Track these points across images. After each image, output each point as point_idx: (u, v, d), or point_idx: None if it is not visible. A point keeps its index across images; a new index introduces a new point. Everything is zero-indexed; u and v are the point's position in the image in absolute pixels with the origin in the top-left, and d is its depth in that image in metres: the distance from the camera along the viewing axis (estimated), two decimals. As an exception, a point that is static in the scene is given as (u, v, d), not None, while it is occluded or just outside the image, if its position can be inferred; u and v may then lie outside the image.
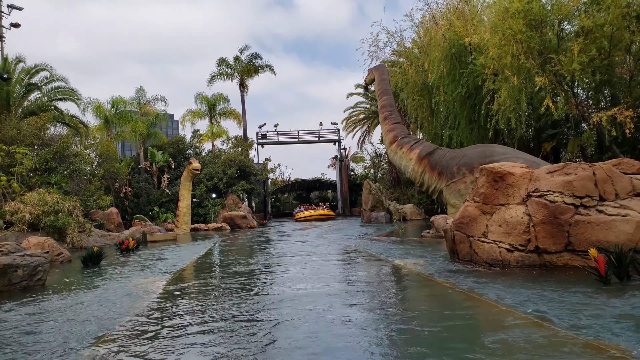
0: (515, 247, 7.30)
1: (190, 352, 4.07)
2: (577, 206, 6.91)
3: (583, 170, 7.10)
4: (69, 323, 5.31)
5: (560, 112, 17.99)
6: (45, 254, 8.61)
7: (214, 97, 41.81)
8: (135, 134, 33.17)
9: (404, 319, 4.94)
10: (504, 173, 7.81)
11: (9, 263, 7.82)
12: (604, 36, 17.25)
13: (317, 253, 12.09)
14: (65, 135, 23.24)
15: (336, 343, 4.13)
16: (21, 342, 4.57)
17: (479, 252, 7.81)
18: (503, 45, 18.64)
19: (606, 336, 3.85)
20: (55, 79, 27.16)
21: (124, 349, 4.23)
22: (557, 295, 5.40)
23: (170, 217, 30.16)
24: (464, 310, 5.15)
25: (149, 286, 7.61)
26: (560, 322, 4.32)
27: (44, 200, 17.99)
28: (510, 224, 7.41)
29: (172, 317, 5.44)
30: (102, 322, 5.27)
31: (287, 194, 59.32)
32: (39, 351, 4.25)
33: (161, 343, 4.36)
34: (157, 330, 4.86)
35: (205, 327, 4.91)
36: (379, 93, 23.70)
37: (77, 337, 4.67)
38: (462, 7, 24.73)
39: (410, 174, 19.14)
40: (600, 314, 4.54)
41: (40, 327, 5.15)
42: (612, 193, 7.05)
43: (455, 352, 3.74)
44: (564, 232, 6.87)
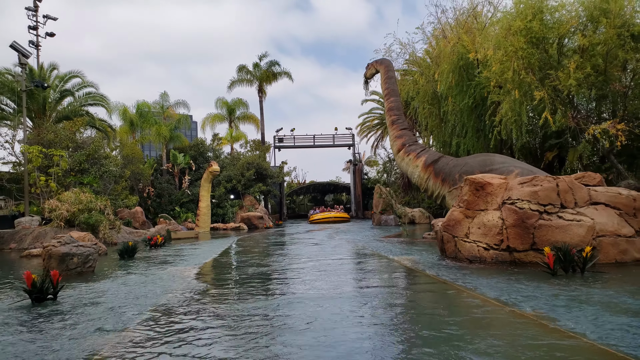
0: (491, 246, 8.62)
1: (218, 311, 5.51)
2: (541, 212, 8.21)
3: (548, 182, 8.39)
4: (129, 296, 6.81)
5: (558, 124, 19.10)
6: (94, 245, 10.21)
7: (233, 101, 43.58)
8: (158, 136, 35.03)
9: (388, 299, 6.32)
10: (484, 183, 9.14)
11: (67, 252, 9.41)
12: (599, 54, 18.33)
13: (325, 250, 13.51)
14: (97, 139, 25.05)
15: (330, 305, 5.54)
16: (101, 307, 6.07)
17: (462, 250, 9.15)
18: (505, 61, 19.81)
19: (540, 311, 5.15)
20: (86, 85, 29.15)
21: (175, 312, 5.69)
22: (515, 284, 6.70)
23: (190, 216, 31.88)
24: (440, 295, 6.51)
25: (183, 273, 9.14)
26: (510, 302, 5.62)
27: (79, 199, 19.73)
28: (487, 227, 8.73)
29: (203, 293, 6.91)
30: (154, 296, 6.77)
31: (302, 196, 60.85)
32: (119, 312, 5.74)
33: (196, 307, 5.82)
34: (194, 299, 6.32)
35: (228, 299, 6.36)
36: (386, 93, 23.34)
37: (140, 306, 6.15)
38: (471, 22, 25.94)
39: (416, 179, 20.42)
40: (537, 296, 5.86)
41: (110, 299, 6.66)
42: (572, 202, 8.33)
43: (426, 323, 5.12)
44: (529, 234, 8.18)
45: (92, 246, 10.04)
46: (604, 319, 4.66)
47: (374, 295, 6.56)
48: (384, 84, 23.58)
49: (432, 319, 5.15)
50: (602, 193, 8.51)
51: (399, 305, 5.96)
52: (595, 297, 5.67)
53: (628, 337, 4.01)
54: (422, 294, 6.81)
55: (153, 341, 4.47)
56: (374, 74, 25.10)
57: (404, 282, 7.85)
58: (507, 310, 5.26)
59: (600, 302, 5.39)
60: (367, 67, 25.47)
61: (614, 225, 8.02)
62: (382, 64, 24.50)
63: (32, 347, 4.39)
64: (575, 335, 4.18)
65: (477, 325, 4.74)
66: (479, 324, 4.79)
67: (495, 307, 5.43)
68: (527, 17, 19.40)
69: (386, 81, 23.39)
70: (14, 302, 6.67)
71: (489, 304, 5.59)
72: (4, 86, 24.73)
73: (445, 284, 7.08)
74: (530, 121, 22.95)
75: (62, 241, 9.77)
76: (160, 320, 5.35)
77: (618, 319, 4.59)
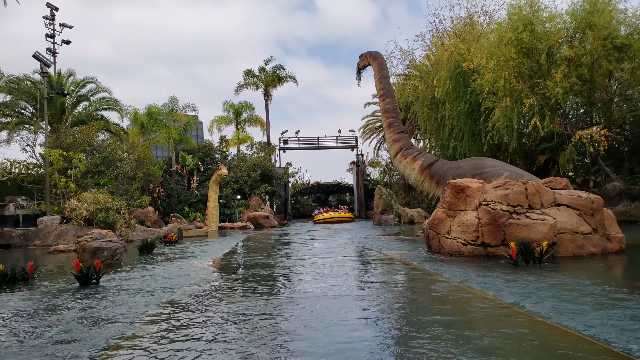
0: (468, 242, 9.88)
1: (232, 295, 6.80)
2: (511, 213, 9.45)
3: (518, 187, 9.64)
4: (156, 282, 8.12)
5: (546, 129, 20.30)
6: (120, 241, 11.55)
7: (240, 105, 44.96)
8: (168, 139, 36.45)
9: (377, 284, 7.60)
10: (464, 187, 10.39)
11: (98, 246, 10.76)
12: (584, 64, 19.52)
13: (327, 246, 14.80)
14: (113, 143, 26.46)
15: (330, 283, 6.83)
16: (135, 290, 7.38)
17: (444, 245, 10.41)
18: (497, 70, 21.03)
19: (496, 292, 6.39)
20: (101, 90, 30.60)
21: (194, 295, 6.99)
22: (484, 273, 7.94)
23: (199, 216, 33.26)
24: (421, 281, 7.78)
25: (200, 265, 10.47)
26: (475, 287, 6.86)
27: (97, 199, 21.11)
28: (466, 225, 9.99)
29: (218, 281, 8.21)
30: (177, 282, 8.08)
31: (306, 197, 62.16)
32: (151, 294, 7.05)
33: (212, 292, 7.12)
34: (211, 284, 7.62)
35: (239, 285, 7.66)
36: (381, 94, 23.24)
37: (167, 287, 7.47)
38: (468, 31, 27.15)
39: (412, 181, 21.65)
40: (494, 280, 7.12)
41: (141, 284, 7.97)
42: (539, 203, 9.58)
43: (406, 304, 6.40)
44: (501, 231, 9.42)
45: (119, 242, 11.39)
46: (543, 297, 5.88)
47: (363, 276, 7.84)
48: (379, 84, 23.52)
49: (403, 293, 6.43)
50: (564, 195, 9.75)
51: (379, 284, 7.24)
52: (543, 281, 6.91)
53: (565, 311, 5.20)
54: (400, 276, 8.07)
55: (177, 312, 5.79)
56: (366, 65, 24.84)
57: (390, 270, 9.13)
58: (466, 290, 6.53)
59: (546, 285, 6.63)
60: (361, 57, 25.27)
61: (573, 223, 9.26)
62: (375, 59, 24.10)
63: (89, 313, 5.70)
64: (511, 306, 5.43)
65: (438, 300, 6.01)
66: (440, 299, 6.06)
67: (459, 289, 6.69)
68: (518, 28, 20.61)
69: (381, 81, 23.33)
70: (65, 286, 8.01)
71: (456, 287, 6.85)
72: (24, 92, 26.20)
73: (422, 271, 8.35)
74: (523, 126, 24.12)
75: (93, 237, 11.11)
76: (182, 299, 6.67)
77: (558, 298, 5.80)
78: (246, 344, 4.26)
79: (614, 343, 3.88)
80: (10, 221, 21.92)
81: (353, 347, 4.09)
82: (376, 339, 4.38)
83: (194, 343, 4.36)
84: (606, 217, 9.91)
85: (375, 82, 23.94)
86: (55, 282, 8.64)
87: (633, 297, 5.67)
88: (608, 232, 9.69)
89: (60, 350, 4.25)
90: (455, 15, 28.41)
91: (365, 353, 3.93)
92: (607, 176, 22.26)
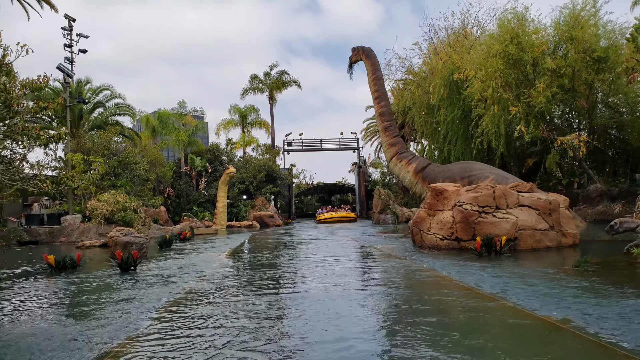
0: (445, 237, 11.57)
1: (244, 280, 8.52)
2: (480, 212, 11.14)
3: (487, 190, 11.33)
4: (181, 269, 9.86)
5: (531, 135, 21.93)
6: (145, 236, 13.31)
7: (245, 108, 46.76)
8: (178, 142, 38.26)
9: (367, 271, 9.30)
10: (442, 190, 12.08)
11: (128, 241, 12.51)
12: (565, 75, 21.13)
13: (326, 242, 16.52)
14: (128, 147, 28.29)
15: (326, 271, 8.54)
16: (165, 275, 9.11)
17: (425, 240, 12.11)
18: (486, 80, 22.67)
19: (459, 276, 8.06)
20: (115, 97, 32.47)
21: (218, 277, 8.72)
22: (455, 262, 9.61)
23: (207, 215, 35.03)
24: (404, 268, 9.47)
25: (216, 256, 12.23)
26: (445, 273, 8.51)
27: (116, 199, 22.93)
28: (443, 222, 11.68)
29: (233, 268, 9.95)
30: (200, 267, 9.82)
31: (310, 197, 63.91)
32: (179, 277, 8.78)
33: (229, 276, 8.84)
34: (228, 270, 9.35)
35: (250, 268, 9.39)
36: (376, 96, 23.75)
37: (192, 273, 9.20)
38: (461, 41, 28.78)
39: (407, 183, 23.33)
40: (461, 268, 8.80)
41: (169, 271, 9.71)
42: (505, 204, 11.26)
43: (387, 287, 8.11)
44: (471, 228, 11.10)
45: (145, 237, 13.14)
46: (496, 280, 7.56)
47: (353, 262, 9.57)
48: (373, 85, 23.89)
49: (386, 278, 8.15)
50: (527, 197, 11.42)
51: (365, 270, 8.95)
52: (498, 268, 8.59)
53: (512, 291, 6.82)
54: (386, 264, 9.77)
55: (202, 291, 7.53)
56: (358, 60, 25.20)
57: (377, 261, 10.84)
58: (437, 275, 8.23)
59: (500, 270, 8.31)
60: (353, 51, 25.49)
61: (532, 221, 10.93)
62: (368, 57, 24.12)
63: (132, 293, 7.44)
64: (471, 287, 7.11)
65: (411, 282, 7.72)
66: (416, 282, 7.77)
67: (432, 274, 8.39)
68: (505, 41, 22.24)
69: (375, 82, 23.78)
70: (109, 271, 9.78)
71: (429, 273, 8.56)
72: (46, 99, 28.04)
73: (404, 260, 10.06)
74: (512, 131, 25.72)
75: (123, 233, 12.88)
76: (207, 280, 8.42)
77: (509, 281, 7.43)
78: (256, 300, 6.00)
79: (537, 311, 5.35)
80: (36, 220, 23.76)
81: (341, 310, 5.81)
82: (358, 308, 6.10)
83: (222, 303, 6.10)
84: (563, 216, 11.58)
85: (369, 82, 24.46)
86: (99, 269, 10.42)
87: (565, 277, 7.34)
88: (564, 229, 11.36)
89: (128, 307, 6.00)
90: (449, 26, 29.94)
91: (355, 318, 5.65)
92: (590, 178, 23.84)
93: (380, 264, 10.38)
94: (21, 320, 5.73)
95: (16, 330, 5.17)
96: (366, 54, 24.55)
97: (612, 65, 21.19)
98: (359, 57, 24.85)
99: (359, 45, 25.77)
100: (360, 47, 25.29)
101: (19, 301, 7.01)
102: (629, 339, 4.11)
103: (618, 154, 26.11)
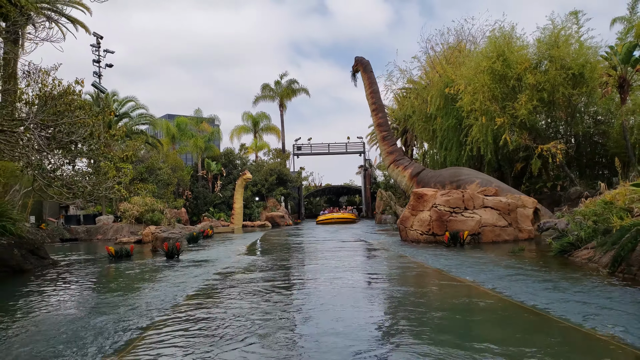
0: (424, 233, 14.21)
1: (264, 265, 11.23)
2: (451, 212, 13.76)
3: (457, 194, 13.96)
4: (212, 256, 12.62)
5: (515, 143, 24.41)
6: (180, 232, 16.13)
7: (257, 115, 49.66)
8: (195, 147, 41.25)
9: (359, 260, 11.98)
10: (422, 194, 14.73)
11: (167, 236, 15.34)
12: (545, 90, 23.57)
13: (329, 238, 19.22)
14: (153, 155, 31.27)
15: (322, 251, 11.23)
16: (203, 262, 11.87)
17: (409, 235, 14.77)
18: (474, 94, 25.19)
19: (432, 262, 10.69)
20: (139, 107, 35.49)
21: (240, 263, 11.45)
22: (429, 252, 12.22)
23: (222, 215, 37.93)
24: (393, 259, 12.16)
25: (238, 248, 15.01)
26: (420, 260, 11.17)
27: (145, 201, 25.85)
28: (423, 221, 14.32)
29: (252, 255, 12.70)
30: (227, 254, 12.57)
31: (318, 198, 66.69)
32: (214, 263, 11.53)
33: (249, 261, 11.57)
34: (250, 257, 12.08)
35: (266, 256, 12.11)
36: (373, 108, 25.73)
37: (222, 259, 11.96)
38: (456, 56, 31.31)
39: (403, 186, 25.96)
40: (432, 256, 11.45)
41: (205, 258, 12.48)
42: (472, 206, 13.88)
43: (378, 273, 10.82)
44: (444, 225, 13.73)
45: (179, 233, 15.97)
46: (458, 264, 10.20)
47: (348, 251, 12.30)
48: (370, 98, 26.05)
49: (375, 264, 10.86)
50: (490, 200, 14.02)
51: (361, 257, 11.65)
52: (462, 255, 11.22)
53: (474, 273, 9.51)
54: (375, 254, 12.44)
55: (230, 271, 10.29)
56: (359, 70, 27.37)
57: (371, 252, 13.53)
58: (414, 262, 10.91)
59: (462, 257, 10.95)
60: (355, 60, 27.76)
61: (493, 219, 13.53)
62: (365, 71, 26.02)
63: (177, 274, 10.20)
64: (438, 270, 9.77)
65: (396, 267, 10.40)
66: (397, 267, 10.45)
67: (410, 261, 11.07)
68: (492, 58, 24.76)
69: (372, 95, 25.99)
70: (158, 259, 12.59)
71: (408, 260, 11.23)
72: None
73: (401, 255, 12.74)
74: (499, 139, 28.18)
75: (161, 229, 15.72)
76: (238, 264, 11.19)
77: (469, 266, 10.09)
78: (275, 277, 8.74)
79: (495, 288, 8.15)
80: (74, 220, 26.79)
81: (338, 290, 8.53)
82: (352, 291, 8.82)
83: (245, 277, 8.85)
84: (521, 215, 14.17)
85: (366, 95, 26.90)
86: (148, 258, 13.24)
87: (499, 260, 9.98)
88: (520, 226, 13.95)
89: (178, 283, 8.76)
90: (445, 41, 32.49)
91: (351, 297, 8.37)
92: (571, 181, 26.24)
93: (373, 254, 13.07)
94: (110, 286, 8.53)
95: (110, 294, 7.96)
96: (363, 67, 26.92)
97: (588, 80, 23.60)
98: (359, 69, 27.21)
99: (360, 55, 28.46)
100: (359, 59, 27.79)
101: (101, 277, 9.82)
102: (507, 292, 6.76)
103: (600, 158, 28.44)
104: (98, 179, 10.98)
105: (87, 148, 10.31)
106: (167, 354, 4.26)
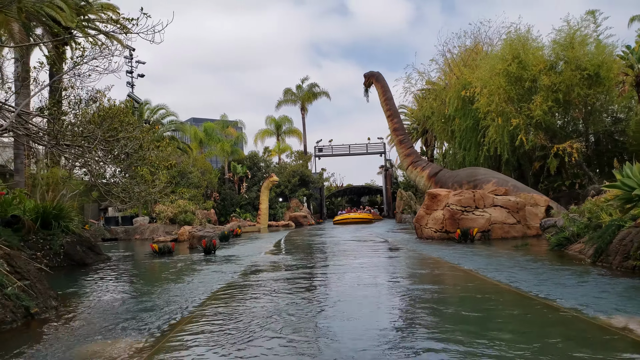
0: (437, 230, 15.32)
1: (293, 260, 12.54)
2: (463, 211, 14.83)
3: (468, 194, 15.02)
4: (244, 251, 14.01)
5: (531, 143, 25.15)
6: (213, 231, 17.62)
7: (280, 118, 51.25)
8: (222, 152, 43.03)
9: (377, 256, 13.20)
10: (436, 194, 15.83)
11: (202, 234, 16.84)
12: (560, 90, 24.25)
13: (350, 235, 20.46)
14: (184, 160, 33.06)
15: (345, 246, 12.49)
16: (237, 255, 13.27)
17: (424, 233, 15.89)
18: (490, 95, 26.01)
19: (446, 257, 11.84)
20: (169, 114, 37.43)
21: (271, 257, 12.80)
22: (442, 247, 13.34)
23: (248, 216, 39.54)
24: (409, 254, 13.33)
25: (266, 245, 16.40)
26: (435, 255, 12.32)
27: (178, 203, 27.55)
28: (437, 219, 15.43)
29: (281, 251, 14.04)
30: (257, 251, 13.94)
31: (340, 198, 67.90)
32: (246, 256, 12.92)
33: (276, 254, 12.90)
34: (278, 251, 13.41)
35: (291, 250, 13.42)
36: (389, 114, 27.00)
37: (253, 253, 13.33)
38: (473, 58, 32.11)
39: (421, 187, 26.97)
40: (447, 251, 12.58)
41: (238, 253, 13.88)
42: (482, 205, 14.93)
43: (392, 267, 12.05)
44: (457, 223, 14.81)
45: (213, 232, 17.47)
46: (476, 259, 11.33)
47: (366, 247, 13.54)
48: (385, 105, 27.27)
49: (391, 259, 12.08)
50: (500, 199, 15.03)
51: (378, 253, 12.87)
52: (472, 250, 12.32)
53: (482, 265, 10.65)
54: (392, 251, 13.62)
55: (261, 265, 11.64)
56: (371, 83, 28.72)
57: (384, 248, 14.72)
58: (429, 257, 12.08)
59: (472, 253, 12.05)
60: (365, 77, 29.10)
61: (502, 217, 14.55)
62: (378, 81, 27.25)
63: (214, 267, 11.59)
64: (453, 264, 10.93)
65: (412, 262, 11.59)
66: (413, 262, 11.65)
67: (425, 257, 12.24)
68: (507, 61, 25.57)
69: (386, 102, 27.24)
70: (196, 255, 14.07)
71: (423, 255, 12.40)
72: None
73: (416, 251, 13.92)
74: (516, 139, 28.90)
75: (198, 229, 17.25)
76: (263, 260, 12.55)
77: (481, 260, 11.20)
78: (300, 266, 10.06)
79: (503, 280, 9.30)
80: (113, 221, 28.72)
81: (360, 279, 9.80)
82: (371, 285, 10.07)
83: (274, 270, 10.18)
84: (529, 213, 15.14)
85: (381, 103, 28.16)
86: (187, 254, 14.75)
87: (504, 253, 11.07)
88: (529, 223, 14.92)
89: (221, 269, 10.14)
90: (462, 44, 33.33)
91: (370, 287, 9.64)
92: (590, 179, 26.81)
93: (390, 250, 14.28)
94: (162, 277, 9.99)
95: (166, 281, 9.39)
96: (376, 78, 28.22)
97: (604, 80, 24.18)
98: (371, 82, 28.57)
99: (369, 71, 29.72)
100: (370, 73, 29.25)
101: (152, 269, 11.31)
102: (503, 279, 7.91)
103: (619, 156, 28.86)
104: (148, 185, 12.36)
105: (137, 157, 11.73)
106: (218, 322, 5.60)
